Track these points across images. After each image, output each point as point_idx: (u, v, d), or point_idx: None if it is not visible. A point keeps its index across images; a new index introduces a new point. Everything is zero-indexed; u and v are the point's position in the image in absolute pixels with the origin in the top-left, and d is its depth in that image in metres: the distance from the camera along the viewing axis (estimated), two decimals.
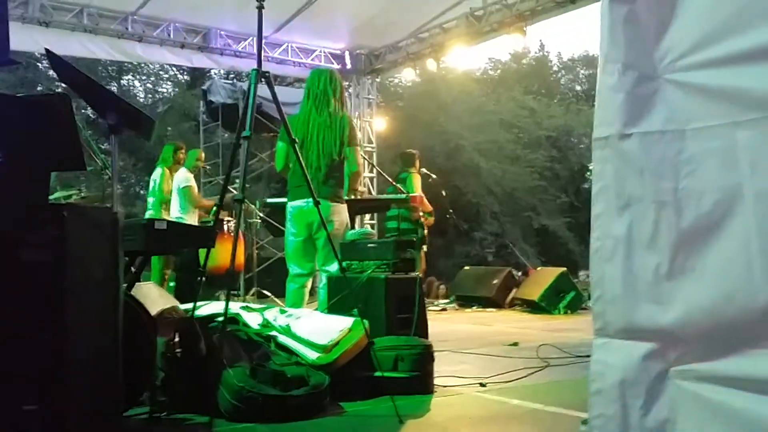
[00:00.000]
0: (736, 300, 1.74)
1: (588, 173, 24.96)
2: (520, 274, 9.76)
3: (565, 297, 7.94)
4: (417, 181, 7.86)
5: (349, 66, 11.75)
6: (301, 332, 3.25)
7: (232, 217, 7.41)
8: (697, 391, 1.84)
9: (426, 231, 7.86)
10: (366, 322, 3.34)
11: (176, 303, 3.80)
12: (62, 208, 2.35)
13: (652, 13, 1.97)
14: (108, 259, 2.32)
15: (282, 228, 8.78)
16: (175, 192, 7.35)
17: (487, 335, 5.82)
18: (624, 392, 1.98)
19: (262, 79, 2.89)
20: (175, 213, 7.31)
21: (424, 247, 7.94)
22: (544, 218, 23.03)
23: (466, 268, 10.12)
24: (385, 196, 5.66)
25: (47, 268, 2.26)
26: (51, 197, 4.70)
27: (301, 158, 3.61)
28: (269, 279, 10.66)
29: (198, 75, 21.01)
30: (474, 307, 8.65)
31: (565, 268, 8.36)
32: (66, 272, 2.29)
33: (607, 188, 2.05)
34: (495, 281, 8.77)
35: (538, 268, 9.51)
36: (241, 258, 7.92)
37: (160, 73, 22.33)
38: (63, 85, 2.63)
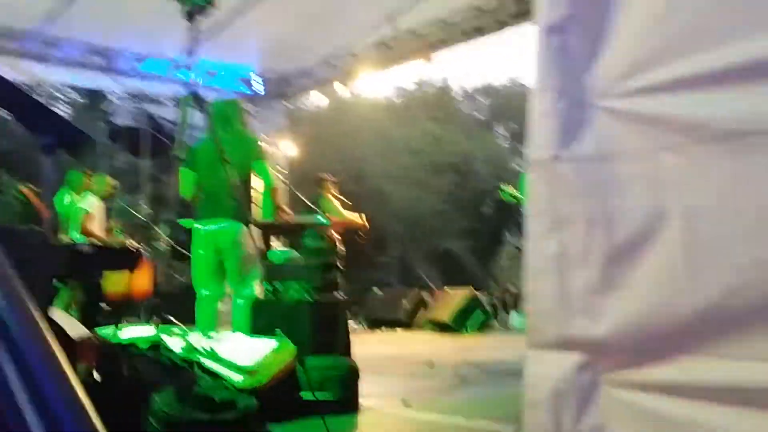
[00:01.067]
0: (663, 310, 1.86)
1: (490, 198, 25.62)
2: (428, 295, 9.90)
3: (474, 317, 8.12)
4: (332, 203, 7.88)
5: (257, 90, 11.69)
6: (226, 355, 3.20)
7: (139, 243, 7.21)
8: (628, 398, 1.94)
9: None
10: (290, 343, 3.33)
11: (85, 330, 3.67)
12: None
13: (584, 42, 2.09)
14: (36, 282, 2.24)
15: (186, 253, 8.59)
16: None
17: (403, 356, 5.89)
18: (557, 402, 2.06)
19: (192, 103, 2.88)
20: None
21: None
22: (448, 242, 23.46)
23: (375, 290, 10.19)
24: (303, 220, 5.64)
25: None
26: None
27: (221, 178, 3.60)
28: (172, 305, 10.36)
29: (97, 97, 20.33)
30: (383, 329, 8.72)
31: (472, 289, 8.56)
32: None
33: (541, 209, 2.15)
34: (404, 303, 8.87)
35: (446, 289, 9.68)
36: (148, 284, 7.68)
37: (56, 94, 21.45)
38: None
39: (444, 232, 23.63)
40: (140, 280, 5.67)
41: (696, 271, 1.81)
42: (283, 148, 12.17)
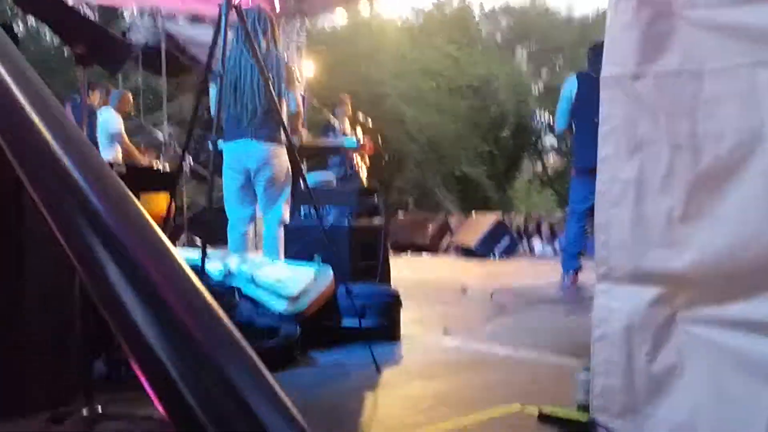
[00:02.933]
0: (753, 244, 1.71)
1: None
2: (451, 220, 9.80)
3: (501, 242, 8.03)
4: (345, 122, 7.64)
5: (276, 6, 11.31)
6: (266, 281, 3.10)
7: (158, 160, 7.07)
8: (707, 335, 1.82)
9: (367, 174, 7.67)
10: (330, 269, 3.24)
11: None
12: None
13: None
14: None
15: (204, 173, 8.45)
16: (103, 135, 6.85)
17: (433, 281, 5.82)
18: (630, 338, 1.94)
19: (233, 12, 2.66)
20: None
21: None
22: (465, 166, 23.27)
23: (400, 215, 10.10)
24: (333, 141, 5.40)
25: (5, 214, 2.07)
26: None
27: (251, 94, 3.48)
28: (196, 227, 10.33)
29: (110, 15, 19.88)
30: (409, 254, 8.64)
31: (500, 214, 8.44)
32: (24, 218, 2.10)
33: (617, 130, 1.98)
34: (430, 228, 8.77)
35: (472, 214, 9.58)
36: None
37: None
38: None
39: (461, 156, 23.40)
40: (152, 204, 5.49)
41: None
42: (302, 69, 11.87)
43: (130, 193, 0.52)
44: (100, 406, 2.04)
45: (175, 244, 7.94)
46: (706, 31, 1.83)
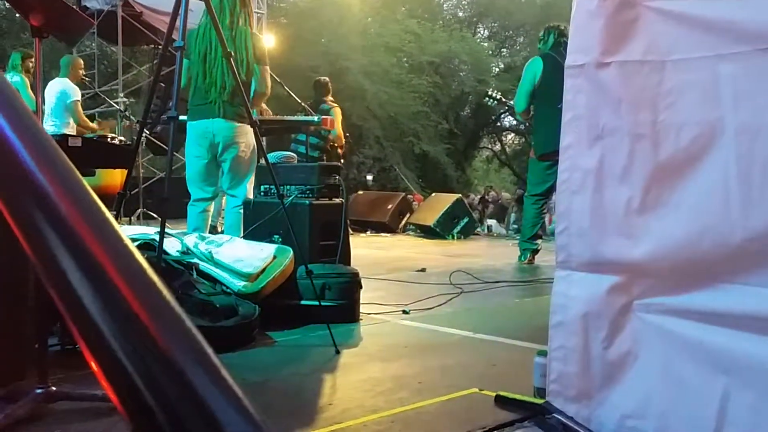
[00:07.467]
0: (710, 235, 1.74)
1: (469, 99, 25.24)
2: (411, 199, 9.81)
3: (459, 223, 8.06)
4: (338, 115, 7.23)
5: None
6: (225, 259, 3.07)
7: (115, 134, 6.90)
8: (662, 324, 1.85)
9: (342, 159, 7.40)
10: (290, 249, 3.22)
11: None
12: None
13: None
14: None
15: (163, 147, 8.30)
16: (54, 104, 6.64)
17: (392, 260, 5.82)
18: (586, 325, 1.97)
19: None
20: (50, 129, 6.59)
21: None
22: (425, 144, 23.26)
23: (360, 192, 10.06)
24: (294, 117, 5.28)
25: None
26: None
27: (217, 72, 3.43)
28: (149, 200, 10.18)
29: None
30: (368, 232, 8.64)
31: (459, 195, 8.47)
32: None
33: (579, 118, 1.99)
34: (389, 206, 8.76)
35: (433, 194, 9.59)
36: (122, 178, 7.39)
37: None
38: None
39: (422, 134, 23.38)
40: (105, 177, 5.31)
41: (751, 194, 1.68)
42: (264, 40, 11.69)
43: (75, 170, 0.52)
44: (54, 387, 2.00)
45: (130, 217, 7.79)
46: (669, 22, 1.85)
